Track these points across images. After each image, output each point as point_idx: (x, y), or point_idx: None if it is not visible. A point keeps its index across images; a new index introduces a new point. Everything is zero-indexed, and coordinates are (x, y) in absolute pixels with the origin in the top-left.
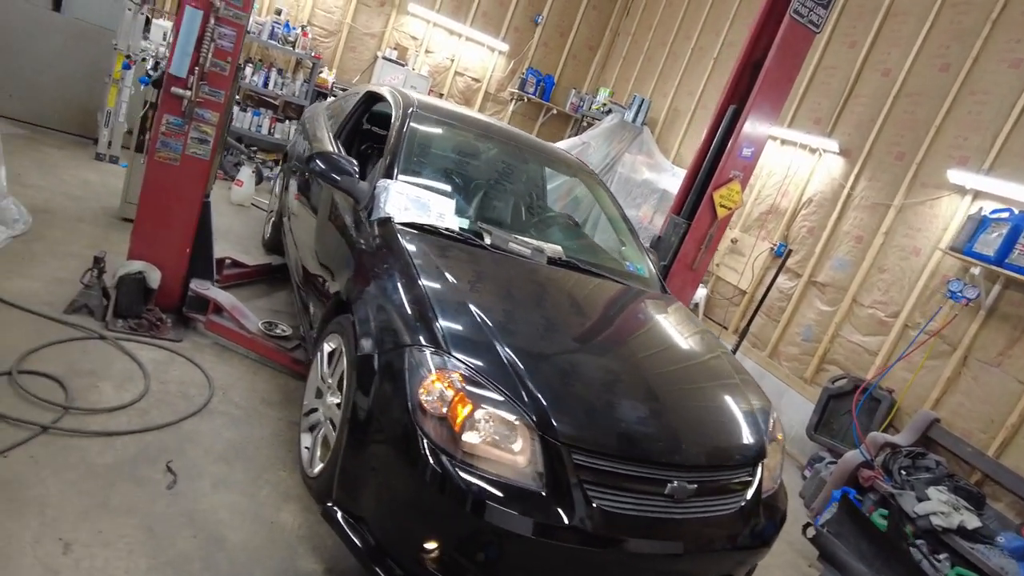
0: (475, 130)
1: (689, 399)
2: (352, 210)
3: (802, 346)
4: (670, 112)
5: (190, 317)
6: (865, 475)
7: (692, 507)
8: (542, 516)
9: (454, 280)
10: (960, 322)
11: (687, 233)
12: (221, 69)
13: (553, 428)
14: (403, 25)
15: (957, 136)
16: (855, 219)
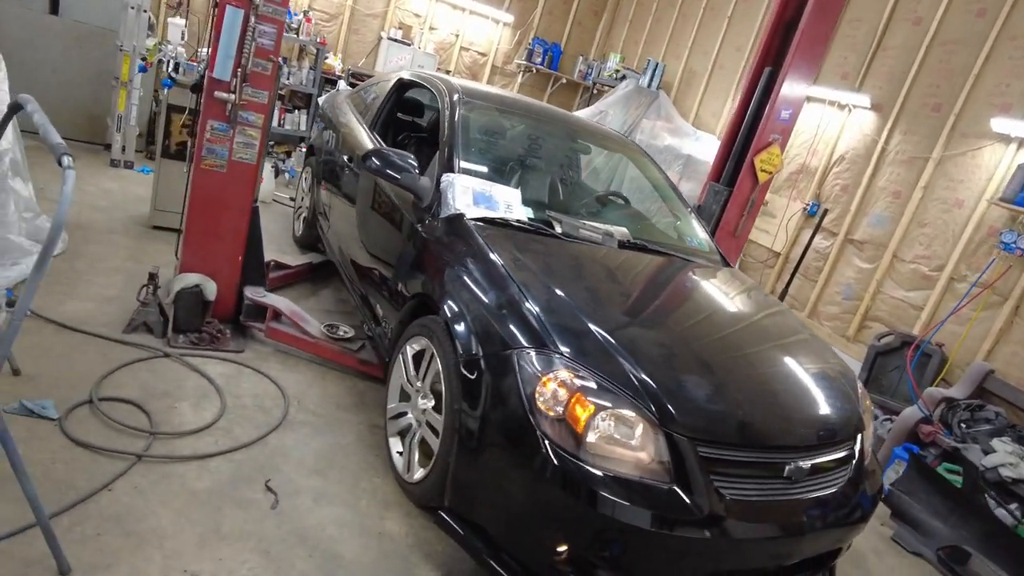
0: (520, 112)
1: (792, 379)
2: (412, 206)
3: (842, 305)
4: (685, 74)
5: (248, 326)
6: (925, 431)
7: (808, 486)
8: (675, 510)
9: (540, 274)
10: (1011, 272)
11: (728, 200)
12: (263, 69)
13: (677, 422)
14: (405, 3)
15: (998, 84)
16: (891, 174)
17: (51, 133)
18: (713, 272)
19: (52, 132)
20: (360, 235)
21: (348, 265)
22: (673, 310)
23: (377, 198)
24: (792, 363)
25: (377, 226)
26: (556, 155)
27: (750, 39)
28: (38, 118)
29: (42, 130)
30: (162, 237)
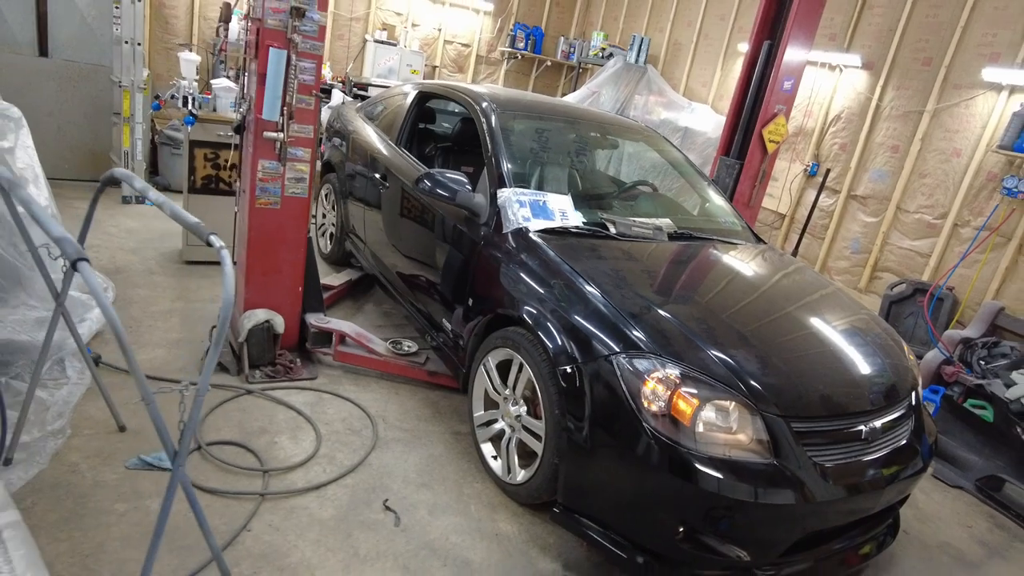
0: (546, 114)
1: (853, 346)
2: (467, 222)
3: (852, 258)
4: (670, 47)
5: (314, 352)
6: (948, 371)
7: (881, 444)
8: (779, 482)
9: (612, 277)
10: (1014, 215)
11: (740, 172)
12: (307, 104)
13: (772, 404)
14: (386, 3)
15: (985, 33)
16: (888, 130)
17: (185, 216)
18: (754, 250)
19: (185, 215)
20: (407, 249)
21: (395, 278)
22: (734, 294)
23: (422, 213)
24: (853, 337)
25: (428, 241)
26: (587, 151)
27: (733, 7)
28: (169, 208)
29: (172, 214)
30: (200, 272)
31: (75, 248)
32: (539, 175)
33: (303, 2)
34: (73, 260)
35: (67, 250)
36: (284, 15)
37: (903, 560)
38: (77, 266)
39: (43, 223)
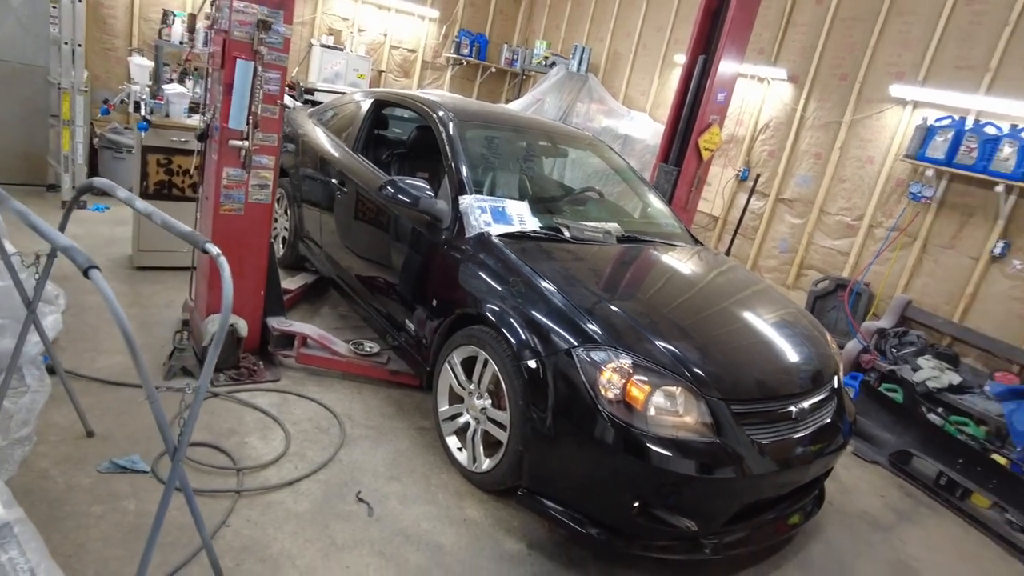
0: (501, 123)
1: (783, 337)
2: (429, 226)
3: (780, 257)
4: (610, 56)
5: (277, 354)
6: (865, 359)
7: (809, 423)
8: (721, 458)
9: (569, 277)
10: (918, 216)
11: (678, 179)
12: (271, 113)
13: (713, 389)
14: (332, 8)
15: (892, 54)
16: (811, 138)
17: (176, 224)
18: (693, 251)
19: (176, 223)
20: (365, 252)
21: (355, 282)
22: (677, 291)
23: (381, 218)
24: (784, 328)
25: (387, 245)
26: (537, 159)
27: (669, 19)
28: (159, 217)
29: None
30: (152, 277)
31: (85, 257)
32: (494, 181)
33: (270, 15)
34: (85, 268)
35: (78, 259)
36: (250, 27)
37: (827, 527)
38: (89, 274)
39: (45, 233)
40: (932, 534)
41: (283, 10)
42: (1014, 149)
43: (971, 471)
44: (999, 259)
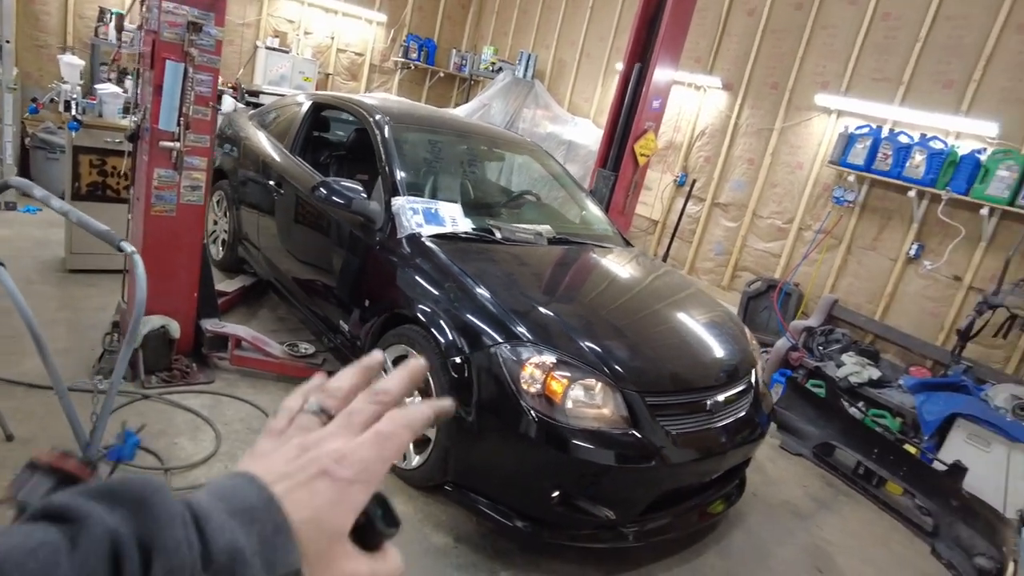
0: (439, 127)
1: (702, 334)
2: (363, 227)
3: (716, 260)
4: (555, 64)
5: (210, 356)
6: (794, 356)
7: (724, 415)
8: (637, 448)
9: (497, 277)
10: (842, 220)
11: (615, 183)
12: (203, 115)
13: (629, 382)
14: (277, 10)
15: (817, 65)
16: (744, 144)
17: (91, 223)
18: (622, 253)
19: (92, 222)
20: (302, 254)
21: (290, 282)
22: (603, 290)
23: (317, 220)
24: (698, 320)
25: (322, 246)
26: (474, 162)
27: (611, 29)
28: (75, 215)
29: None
30: (85, 280)
31: None
32: (431, 184)
33: (200, 17)
34: None
35: None
36: (181, 29)
37: (749, 516)
38: None
39: None
40: (848, 520)
41: (214, 12)
42: (924, 157)
43: (885, 460)
44: (914, 260)
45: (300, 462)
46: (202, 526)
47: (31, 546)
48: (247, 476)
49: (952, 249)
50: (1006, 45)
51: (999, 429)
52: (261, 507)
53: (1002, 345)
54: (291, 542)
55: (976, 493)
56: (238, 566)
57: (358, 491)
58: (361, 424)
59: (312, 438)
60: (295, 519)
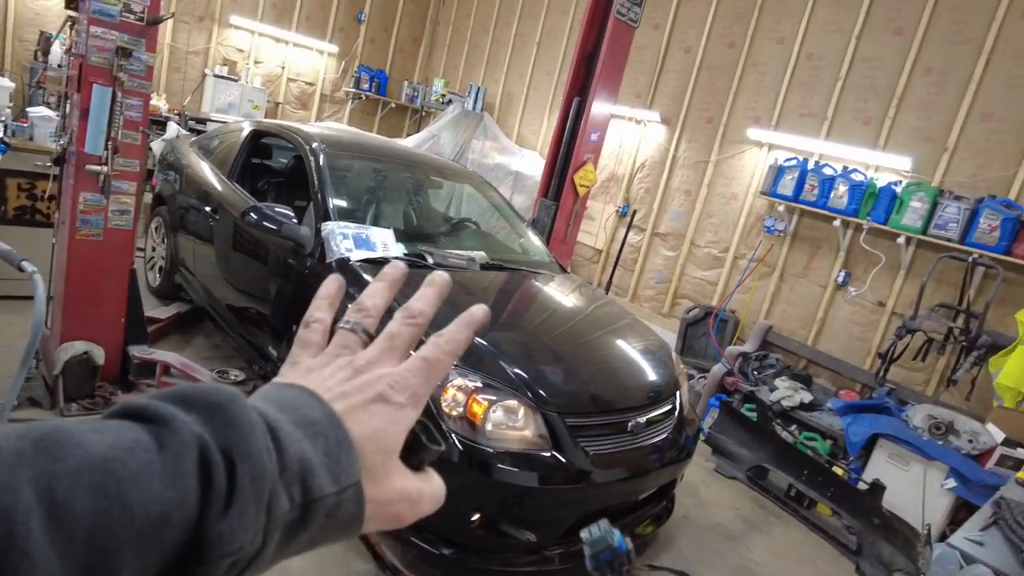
0: (376, 155)
1: (624, 355)
2: (294, 252)
3: (656, 288)
4: (504, 97)
5: (138, 383)
6: (729, 381)
7: (646, 436)
8: (556, 470)
9: None
10: (774, 249)
11: (557, 212)
12: (133, 140)
13: (548, 403)
14: (227, 39)
15: (749, 100)
16: (682, 176)
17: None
18: (554, 279)
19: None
20: (236, 281)
21: (224, 309)
22: (532, 315)
23: (251, 246)
24: (622, 343)
25: (255, 272)
26: (412, 190)
27: (557, 64)
28: None
29: None
30: (11, 307)
31: None
32: (368, 211)
33: (130, 43)
34: None
35: None
36: (109, 54)
37: (680, 539)
38: None
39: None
40: (777, 541)
41: (145, 39)
42: (846, 188)
43: (814, 482)
44: (842, 287)
45: (356, 383)
46: (276, 435)
47: (126, 444)
48: (306, 390)
49: (875, 276)
50: (915, 87)
51: (916, 448)
52: (324, 421)
53: (922, 368)
54: (353, 455)
55: (897, 511)
56: (308, 475)
57: (409, 413)
58: (404, 347)
59: (361, 360)
60: (357, 435)
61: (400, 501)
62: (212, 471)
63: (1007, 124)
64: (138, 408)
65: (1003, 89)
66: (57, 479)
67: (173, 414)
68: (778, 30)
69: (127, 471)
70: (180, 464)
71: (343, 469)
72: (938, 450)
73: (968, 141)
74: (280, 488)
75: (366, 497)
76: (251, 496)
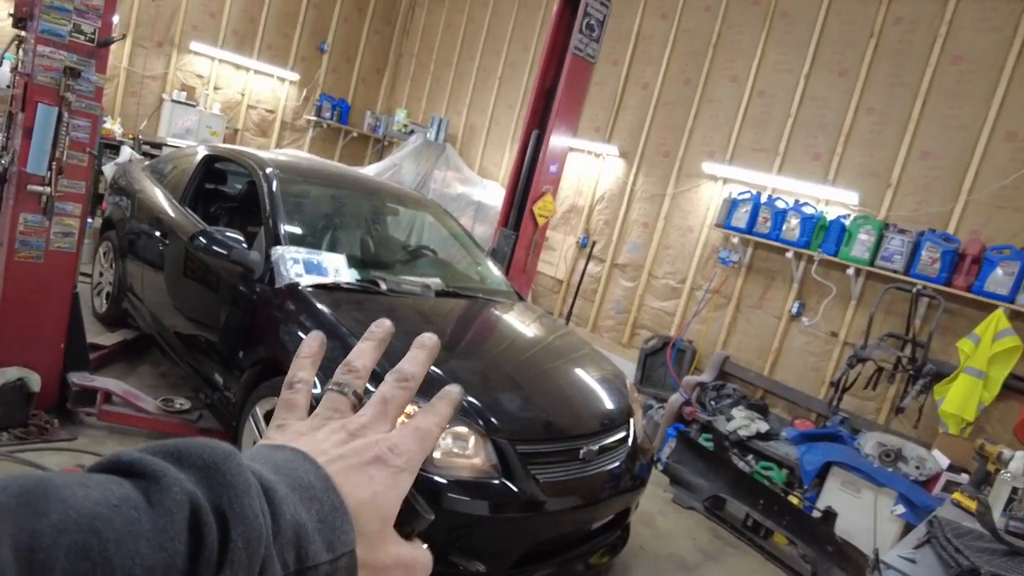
0: (332, 182)
1: (578, 384)
2: (243, 278)
3: (616, 318)
4: (466, 128)
5: (77, 412)
6: (687, 411)
7: (599, 463)
8: (507, 497)
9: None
10: (730, 280)
11: (516, 242)
12: (79, 161)
13: (499, 430)
14: (187, 64)
15: (704, 135)
16: (640, 209)
17: None
18: (511, 307)
19: None
20: (185, 307)
21: (172, 337)
22: (485, 342)
23: (200, 271)
24: (577, 372)
25: (204, 298)
26: (368, 216)
27: (519, 98)
28: None
29: None
30: None
31: None
32: (322, 237)
33: (79, 63)
34: None
35: None
36: (57, 73)
37: (636, 570)
38: None
39: None
40: (733, 571)
41: (95, 59)
42: (798, 221)
43: (770, 511)
44: (796, 318)
45: (353, 446)
46: (271, 497)
47: (114, 501)
48: (300, 453)
49: (827, 307)
50: (860, 126)
51: (867, 475)
52: (319, 486)
53: (873, 396)
54: (348, 523)
55: (850, 537)
56: (303, 542)
57: (407, 479)
58: (397, 411)
59: (355, 424)
60: (353, 500)
61: (396, 568)
62: (204, 533)
63: (943, 162)
64: (128, 462)
65: (939, 129)
66: (38, 536)
67: (165, 470)
68: (731, 68)
69: (113, 531)
70: (170, 524)
71: (338, 536)
72: (887, 477)
73: (909, 177)
74: (273, 554)
75: (361, 562)
76: (244, 561)
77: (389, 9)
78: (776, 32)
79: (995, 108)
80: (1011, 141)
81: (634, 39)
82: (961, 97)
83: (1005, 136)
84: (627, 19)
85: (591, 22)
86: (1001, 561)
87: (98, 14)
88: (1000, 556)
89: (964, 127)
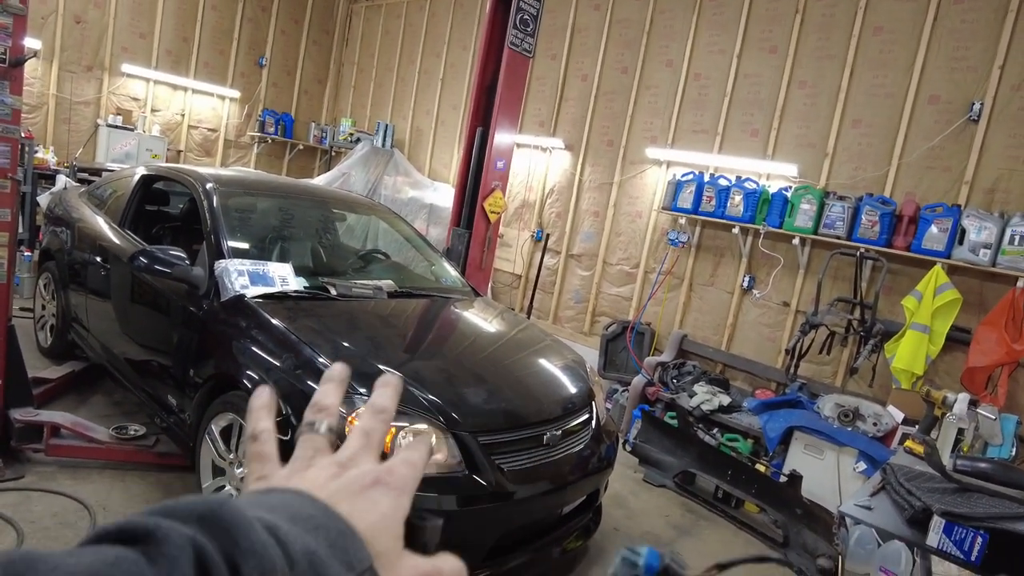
0: (275, 192)
1: (536, 371)
2: (188, 295)
3: (575, 308)
4: (413, 132)
5: (23, 449)
6: (650, 391)
7: (563, 448)
8: (474, 489)
9: (326, 333)
10: (681, 260)
11: (470, 240)
12: (2, 187)
13: (460, 424)
14: (121, 87)
15: (645, 122)
16: (590, 198)
17: None
18: (468, 303)
19: None
20: (134, 333)
21: (123, 364)
22: (442, 339)
23: (146, 294)
24: (537, 361)
25: (152, 321)
26: (316, 225)
27: (462, 97)
28: None
29: None
30: None
31: None
32: (271, 249)
33: None
34: None
35: None
36: None
37: (611, 551)
38: None
39: None
40: (707, 543)
41: (9, 80)
42: (741, 197)
43: (739, 481)
44: (748, 291)
45: (349, 475)
46: (275, 532)
47: (109, 560)
48: (291, 491)
49: (776, 278)
50: (793, 100)
51: (827, 436)
52: (320, 515)
53: (828, 360)
54: (359, 542)
55: (817, 499)
56: (319, 567)
57: (406, 501)
58: (379, 442)
59: (344, 455)
60: (364, 525)
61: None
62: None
63: (874, 128)
64: (115, 529)
65: (867, 97)
66: None
67: (156, 523)
68: (666, 54)
69: None
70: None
71: (353, 556)
72: (847, 436)
73: (844, 146)
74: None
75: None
76: None
77: (326, 19)
78: (706, 14)
79: (916, 74)
80: (934, 104)
81: (570, 32)
82: (885, 65)
83: (929, 99)
84: (562, 13)
85: (525, 17)
86: (952, 498)
87: (7, 32)
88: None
89: (890, 94)
